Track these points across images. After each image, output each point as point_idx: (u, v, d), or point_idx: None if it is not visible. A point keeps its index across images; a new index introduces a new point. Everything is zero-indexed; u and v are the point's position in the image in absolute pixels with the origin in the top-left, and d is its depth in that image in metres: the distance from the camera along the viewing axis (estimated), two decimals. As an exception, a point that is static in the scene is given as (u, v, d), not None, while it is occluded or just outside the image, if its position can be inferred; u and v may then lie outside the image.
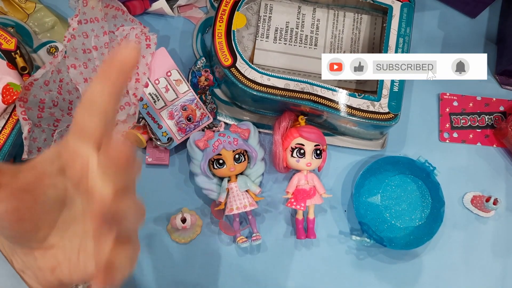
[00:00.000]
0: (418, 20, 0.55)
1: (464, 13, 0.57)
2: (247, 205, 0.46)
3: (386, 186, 0.51)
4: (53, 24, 0.51)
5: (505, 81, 0.55)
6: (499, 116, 0.54)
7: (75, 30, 0.43)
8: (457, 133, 0.53)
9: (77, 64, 0.45)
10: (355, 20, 0.52)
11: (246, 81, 0.46)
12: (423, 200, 0.50)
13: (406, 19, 0.48)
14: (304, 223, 0.49)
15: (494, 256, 0.51)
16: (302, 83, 0.46)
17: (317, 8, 0.52)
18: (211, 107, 0.50)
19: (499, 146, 0.53)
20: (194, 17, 0.54)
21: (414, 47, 0.54)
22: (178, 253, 0.49)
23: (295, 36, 0.52)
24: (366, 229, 0.48)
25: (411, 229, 0.50)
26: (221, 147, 0.46)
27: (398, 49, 0.48)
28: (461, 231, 0.51)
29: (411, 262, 0.50)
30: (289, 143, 0.47)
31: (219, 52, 0.46)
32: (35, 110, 0.43)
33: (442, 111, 0.54)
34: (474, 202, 0.51)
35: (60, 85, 0.45)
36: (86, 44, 0.45)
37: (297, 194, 0.47)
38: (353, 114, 0.46)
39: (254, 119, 0.51)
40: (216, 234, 0.49)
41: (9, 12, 0.50)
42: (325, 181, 0.51)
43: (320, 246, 0.50)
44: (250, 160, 0.48)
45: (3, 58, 0.45)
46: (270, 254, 0.49)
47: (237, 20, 0.47)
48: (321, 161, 0.48)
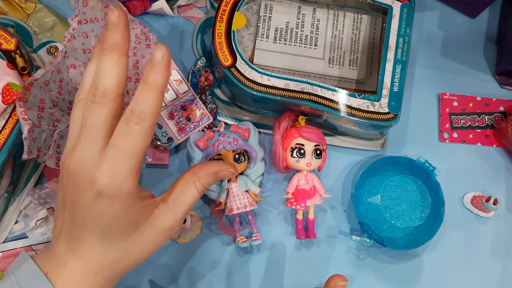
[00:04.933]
0: (418, 20, 0.55)
1: (464, 13, 0.57)
2: (247, 205, 0.46)
3: (386, 186, 0.51)
4: (53, 24, 0.51)
5: (505, 81, 0.55)
6: (499, 116, 0.54)
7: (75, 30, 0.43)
8: (457, 133, 0.53)
9: (77, 64, 0.45)
10: (355, 20, 0.52)
11: (246, 81, 0.46)
12: (423, 200, 0.50)
13: (406, 19, 0.48)
14: (304, 223, 0.49)
15: (494, 256, 0.51)
16: (302, 83, 0.46)
17: (317, 8, 0.52)
18: (211, 107, 0.50)
19: (499, 146, 0.53)
20: (194, 17, 0.54)
21: (414, 47, 0.54)
22: (178, 253, 0.49)
23: (295, 36, 0.52)
24: (366, 229, 0.48)
25: (411, 229, 0.50)
26: (221, 147, 0.46)
27: (398, 49, 0.48)
28: (461, 231, 0.51)
29: (411, 262, 0.50)
30: (289, 143, 0.47)
31: (219, 52, 0.46)
32: (35, 110, 0.43)
33: (442, 111, 0.54)
34: (474, 202, 0.51)
35: (60, 85, 0.45)
36: (86, 44, 0.45)
37: (297, 194, 0.47)
38: (353, 114, 0.46)
39: (254, 119, 0.51)
40: (216, 234, 0.49)
41: (9, 12, 0.50)
42: (325, 181, 0.51)
43: (320, 246, 0.50)
44: (250, 160, 0.48)
45: (3, 58, 0.45)
46: (270, 254, 0.49)
47: (237, 20, 0.47)
48: (321, 161, 0.48)
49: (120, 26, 0.30)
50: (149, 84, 0.30)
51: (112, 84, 0.31)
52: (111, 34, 0.30)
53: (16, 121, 0.44)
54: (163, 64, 0.30)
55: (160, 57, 0.30)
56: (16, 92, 0.42)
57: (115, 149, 0.31)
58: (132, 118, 0.30)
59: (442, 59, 0.55)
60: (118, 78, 0.31)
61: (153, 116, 0.31)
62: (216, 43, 0.46)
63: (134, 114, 0.30)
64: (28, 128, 0.41)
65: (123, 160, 0.31)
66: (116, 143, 0.31)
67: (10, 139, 0.43)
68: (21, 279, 0.33)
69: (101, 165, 0.31)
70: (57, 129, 0.44)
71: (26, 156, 0.42)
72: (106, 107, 0.31)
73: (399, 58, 0.47)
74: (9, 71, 0.44)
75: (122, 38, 0.30)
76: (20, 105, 0.42)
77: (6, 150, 0.43)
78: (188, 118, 0.49)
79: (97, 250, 0.34)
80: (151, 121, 0.31)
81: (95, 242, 0.34)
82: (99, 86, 0.31)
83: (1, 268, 0.46)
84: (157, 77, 0.30)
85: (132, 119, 0.30)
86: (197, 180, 0.37)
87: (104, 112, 0.31)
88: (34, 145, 0.43)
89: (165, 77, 0.31)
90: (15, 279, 0.33)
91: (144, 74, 0.31)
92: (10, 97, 0.42)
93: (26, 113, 0.42)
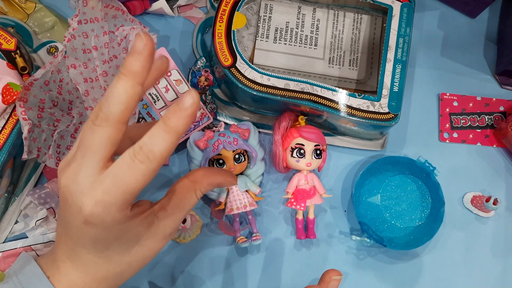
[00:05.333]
0: (418, 20, 0.55)
1: (464, 13, 0.57)
2: (247, 205, 0.46)
3: (386, 186, 0.51)
4: (53, 24, 0.51)
5: (505, 81, 0.55)
6: (499, 116, 0.54)
7: (75, 30, 0.43)
8: (457, 133, 0.53)
9: (77, 64, 0.45)
10: (355, 20, 0.52)
11: (246, 81, 0.46)
12: (423, 200, 0.50)
13: (406, 19, 0.48)
14: (304, 223, 0.49)
15: (494, 256, 0.51)
16: (302, 83, 0.46)
17: (317, 8, 0.52)
18: (211, 107, 0.50)
19: (499, 146, 0.53)
20: (194, 17, 0.54)
21: (414, 47, 0.54)
22: (178, 253, 0.49)
23: (295, 36, 0.52)
24: (366, 229, 0.48)
25: (411, 229, 0.50)
26: (221, 147, 0.46)
27: (398, 49, 0.48)
28: (461, 231, 0.51)
29: (411, 262, 0.50)
30: (289, 143, 0.47)
31: (219, 52, 0.46)
32: (35, 110, 0.43)
33: (442, 111, 0.54)
34: (474, 202, 0.51)
35: (60, 85, 0.45)
36: (86, 44, 0.45)
37: (297, 194, 0.47)
38: (353, 114, 0.46)
39: (254, 119, 0.51)
40: (216, 234, 0.49)
41: (9, 12, 0.50)
42: (325, 181, 0.51)
43: (320, 246, 0.50)
44: (250, 160, 0.48)
45: (3, 58, 0.45)
46: (270, 254, 0.49)
47: (237, 20, 0.47)
48: (321, 161, 0.48)
49: (144, 54, 0.28)
50: (169, 127, 0.28)
51: (117, 110, 0.29)
52: (133, 60, 0.29)
53: (16, 121, 0.44)
54: (190, 111, 0.28)
55: (190, 104, 0.28)
56: (16, 92, 0.42)
57: (112, 179, 0.29)
58: (139, 155, 0.29)
59: (442, 59, 0.55)
60: (125, 106, 0.29)
61: (162, 160, 0.29)
62: (216, 43, 0.46)
63: (143, 151, 0.28)
64: (28, 128, 0.41)
65: (118, 194, 0.29)
66: (115, 173, 0.29)
67: (10, 139, 0.43)
68: (24, 281, 0.33)
69: (93, 192, 0.29)
70: (57, 129, 0.44)
71: (26, 156, 0.42)
72: (106, 132, 0.29)
73: (399, 58, 0.47)
74: (9, 71, 0.44)
75: (142, 68, 0.29)
76: (20, 105, 0.42)
77: (6, 150, 0.43)
78: (188, 118, 0.48)
79: (98, 266, 0.33)
80: (158, 164, 0.29)
81: (94, 260, 0.33)
82: (103, 109, 0.29)
83: (1, 268, 0.46)
84: (181, 123, 0.28)
85: (139, 156, 0.29)
86: (198, 189, 0.36)
87: (102, 136, 0.29)
88: (34, 145, 0.43)
89: (188, 125, 0.29)
90: (18, 281, 0.33)
91: (167, 115, 0.28)
92: (10, 97, 0.42)
93: (26, 113, 0.42)
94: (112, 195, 0.29)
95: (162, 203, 0.35)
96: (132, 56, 0.28)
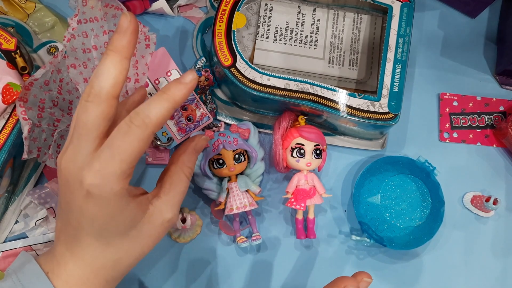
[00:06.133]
0: (418, 20, 0.55)
1: (464, 13, 0.57)
2: (247, 205, 0.46)
3: (386, 186, 0.51)
4: (53, 24, 0.51)
5: (505, 81, 0.55)
6: (499, 116, 0.54)
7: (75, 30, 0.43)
8: (457, 133, 0.53)
9: (77, 64, 0.45)
10: (355, 20, 0.52)
11: (246, 81, 0.46)
12: (423, 200, 0.50)
13: (406, 19, 0.48)
14: (304, 223, 0.49)
15: (494, 256, 0.51)
16: (302, 83, 0.46)
17: (317, 8, 0.52)
18: (211, 107, 0.50)
19: (499, 146, 0.53)
20: (194, 17, 0.54)
21: (414, 47, 0.54)
22: (178, 253, 0.49)
23: (295, 36, 0.52)
24: (366, 229, 0.48)
25: (411, 229, 0.50)
26: (221, 147, 0.46)
27: (398, 49, 0.48)
28: (461, 231, 0.51)
29: (411, 262, 0.50)
30: (289, 143, 0.47)
31: (219, 52, 0.46)
32: (35, 110, 0.43)
33: (442, 111, 0.54)
34: (474, 202, 0.51)
35: (60, 85, 0.45)
36: (86, 44, 0.45)
37: (297, 194, 0.47)
38: (353, 114, 0.46)
39: (254, 119, 0.51)
40: (216, 234, 0.49)
41: (9, 12, 0.50)
42: (325, 181, 0.51)
43: (320, 246, 0.50)
44: (250, 160, 0.48)
45: (3, 58, 0.45)
46: (270, 254, 0.49)
47: (237, 20, 0.47)
48: (321, 161, 0.48)
49: (129, 31, 0.31)
50: (167, 95, 0.31)
51: (108, 84, 0.30)
52: (119, 37, 0.31)
53: (16, 121, 0.44)
54: (190, 85, 0.31)
55: (190, 79, 0.31)
56: (16, 92, 0.42)
57: (109, 149, 0.30)
58: (136, 119, 0.30)
59: (442, 59, 0.55)
60: (115, 80, 0.31)
61: (157, 125, 0.31)
62: (216, 43, 0.46)
63: (139, 116, 0.30)
64: (28, 128, 0.41)
65: (116, 163, 0.30)
66: (112, 143, 0.30)
67: (10, 139, 0.43)
68: (22, 278, 0.34)
69: (92, 165, 0.30)
70: (57, 129, 0.44)
71: (26, 156, 0.42)
72: (98, 107, 0.30)
73: (399, 58, 0.47)
74: (9, 71, 0.44)
75: (128, 43, 0.31)
76: (20, 105, 0.42)
77: (6, 150, 0.43)
78: (188, 118, 0.49)
79: (96, 251, 0.34)
80: (153, 129, 0.31)
81: (93, 243, 0.33)
82: (95, 85, 0.30)
83: (1, 268, 0.46)
84: (178, 93, 0.31)
85: (136, 121, 0.30)
86: (184, 167, 0.37)
87: (96, 113, 0.30)
88: (34, 145, 0.43)
89: (186, 96, 0.31)
90: (17, 279, 0.34)
91: (166, 86, 0.31)
92: (10, 97, 0.42)
93: (26, 113, 0.42)
94: (109, 164, 0.30)
95: (154, 192, 0.36)
96: (119, 33, 0.31)
